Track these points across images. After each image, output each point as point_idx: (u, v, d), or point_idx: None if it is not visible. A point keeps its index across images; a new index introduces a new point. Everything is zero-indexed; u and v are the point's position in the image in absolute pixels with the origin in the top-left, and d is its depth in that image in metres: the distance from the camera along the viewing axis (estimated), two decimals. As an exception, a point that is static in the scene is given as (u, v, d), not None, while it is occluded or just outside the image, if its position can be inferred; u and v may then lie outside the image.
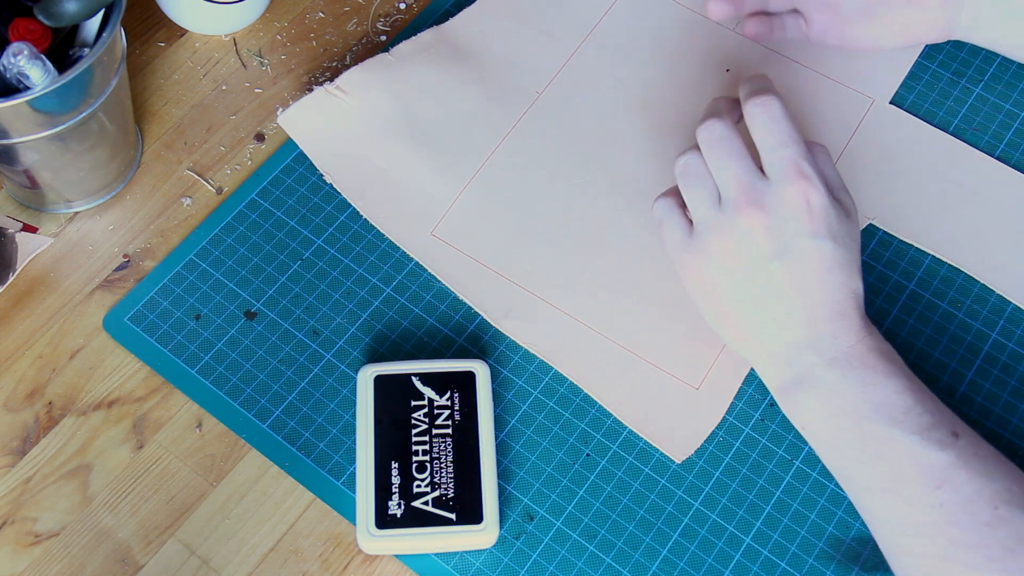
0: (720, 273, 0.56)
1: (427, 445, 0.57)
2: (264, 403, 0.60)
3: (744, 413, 0.61)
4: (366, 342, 0.62)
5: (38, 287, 0.63)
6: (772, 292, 0.55)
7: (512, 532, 0.57)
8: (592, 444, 0.60)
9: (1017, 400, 0.61)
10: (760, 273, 0.55)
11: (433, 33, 0.72)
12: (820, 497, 0.58)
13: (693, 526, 0.57)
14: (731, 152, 0.57)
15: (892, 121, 0.70)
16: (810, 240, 0.55)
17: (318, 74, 0.72)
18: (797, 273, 0.55)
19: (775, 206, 0.55)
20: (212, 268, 0.64)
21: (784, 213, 0.55)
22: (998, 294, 0.64)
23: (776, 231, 0.55)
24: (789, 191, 0.55)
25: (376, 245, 0.65)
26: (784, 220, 0.55)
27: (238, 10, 0.72)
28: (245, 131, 0.70)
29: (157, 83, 0.71)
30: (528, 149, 0.69)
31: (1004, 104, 0.71)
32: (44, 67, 0.55)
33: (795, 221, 0.55)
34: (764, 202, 0.55)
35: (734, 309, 0.57)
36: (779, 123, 0.56)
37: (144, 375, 0.61)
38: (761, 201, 0.55)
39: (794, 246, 0.55)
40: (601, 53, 0.73)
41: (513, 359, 0.62)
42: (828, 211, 0.55)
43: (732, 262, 0.56)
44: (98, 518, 0.57)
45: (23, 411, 0.60)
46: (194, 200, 0.67)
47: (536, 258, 0.65)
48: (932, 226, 0.66)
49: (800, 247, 0.55)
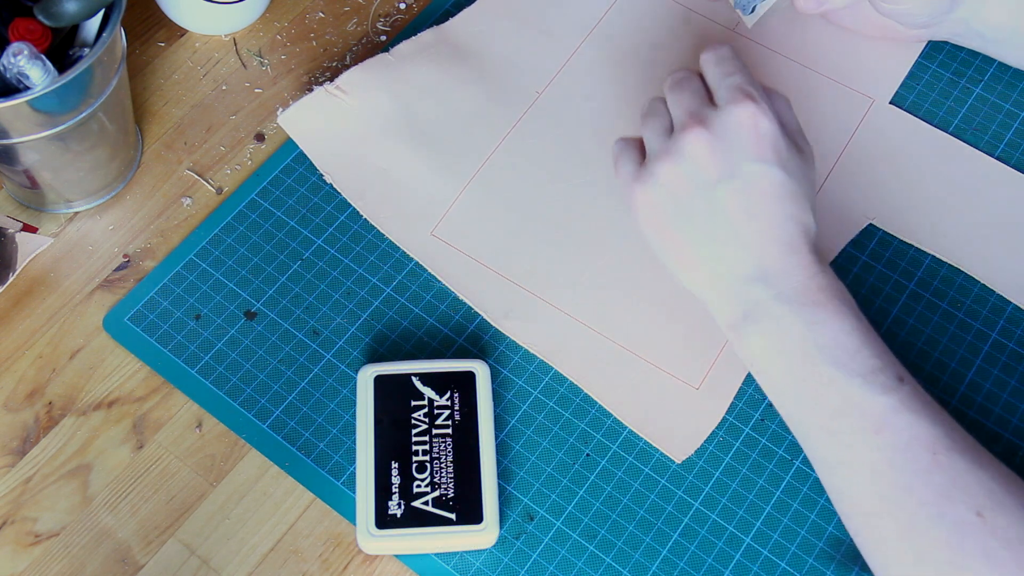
0: (668, 200, 0.56)
1: (427, 445, 0.57)
2: (264, 403, 0.60)
3: (744, 413, 0.61)
4: (366, 342, 0.62)
5: (38, 287, 0.63)
6: (719, 219, 0.55)
7: (512, 532, 0.57)
8: (592, 444, 0.60)
9: (1017, 400, 0.61)
10: (707, 198, 0.55)
11: (433, 33, 0.72)
12: (820, 497, 0.58)
13: (693, 526, 0.57)
14: (686, 87, 0.58)
15: (892, 121, 0.70)
16: (758, 164, 0.55)
17: (318, 74, 0.72)
18: (744, 198, 0.54)
19: (722, 128, 0.55)
20: (212, 268, 0.64)
21: (731, 136, 0.55)
22: (998, 294, 0.64)
23: (723, 153, 0.55)
24: (736, 112, 0.55)
25: (376, 245, 0.65)
26: (731, 142, 0.55)
27: (238, 10, 0.72)
28: (245, 131, 0.70)
29: (157, 83, 0.71)
30: (528, 149, 0.69)
31: (1004, 104, 0.71)
32: (44, 67, 0.55)
33: (742, 144, 0.55)
34: (711, 123, 0.56)
35: (684, 240, 0.56)
36: (728, 59, 0.58)
37: (144, 375, 0.61)
38: (708, 122, 0.56)
39: (741, 170, 0.55)
40: (601, 53, 0.73)
41: (513, 359, 0.62)
42: (778, 139, 0.55)
43: (679, 188, 0.56)
44: (98, 518, 0.57)
45: (23, 411, 0.60)
46: (194, 200, 0.67)
47: (536, 258, 0.65)
48: (932, 226, 0.66)
49: (747, 171, 0.54)
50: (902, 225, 0.67)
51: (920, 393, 0.52)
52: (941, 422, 0.51)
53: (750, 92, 0.56)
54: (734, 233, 0.55)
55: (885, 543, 0.50)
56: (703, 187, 0.55)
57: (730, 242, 0.55)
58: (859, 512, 0.52)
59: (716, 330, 0.62)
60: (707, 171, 0.55)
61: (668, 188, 0.56)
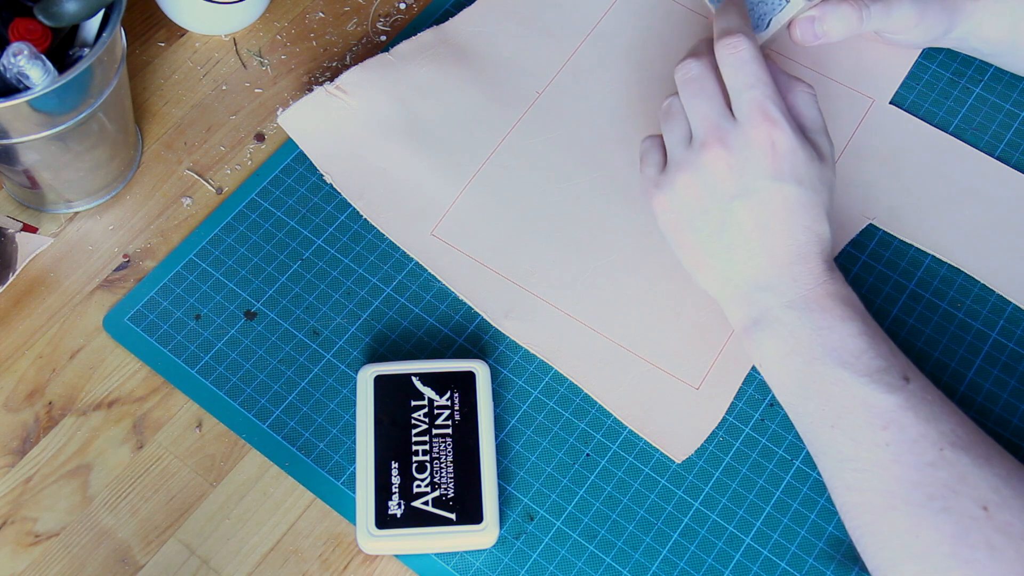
0: (685, 209, 0.58)
1: (427, 445, 0.57)
2: (264, 403, 0.60)
3: (744, 413, 0.61)
4: (366, 342, 0.62)
5: (38, 287, 0.63)
6: (734, 231, 0.56)
7: (512, 532, 0.57)
8: (592, 444, 0.60)
9: (1017, 400, 0.61)
10: (722, 211, 0.56)
11: (433, 33, 0.72)
12: (820, 497, 0.58)
13: (693, 526, 0.57)
14: (702, 92, 0.58)
15: (892, 121, 0.70)
16: (773, 182, 0.56)
17: (318, 74, 0.72)
18: (758, 214, 0.56)
19: (739, 146, 0.56)
20: (212, 268, 0.64)
21: (748, 153, 0.56)
22: (998, 294, 0.64)
23: (739, 170, 0.56)
24: (754, 132, 0.56)
25: (376, 245, 0.65)
26: (747, 160, 0.56)
27: (238, 10, 0.72)
28: (245, 131, 0.70)
29: (157, 83, 0.71)
30: (528, 149, 0.69)
31: (1004, 104, 0.71)
32: (44, 67, 0.55)
33: (758, 162, 0.56)
34: (729, 141, 0.56)
35: (698, 246, 0.58)
36: (747, 64, 0.57)
37: (144, 375, 0.61)
38: (727, 140, 0.56)
39: (756, 187, 0.56)
40: (601, 53, 0.73)
41: (513, 359, 0.62)
42: (794, 153, 0.56)
43: (697, 199, 0.57)
44: (98, 518, 0.57)
45: (23, 411, 0.60)
46: (194, 200, 0.67)
47: (536, 258, 0.65)
48: (932, 226, 0.66)
49: (762, 188, 0.56)
50: (902, 225, 0.67)
51: (929, 391, 0.53)
52: (948, 418, 0.52)
53: (767, 110, 0.56)
54: (747, 245, 0.56)
55: (891, 538, 0.51)
56: (720, 200, 0.56)
57: (742, 252, 0.56)
58: (867, 508, 0.52)
59: (716, 330, 0.62)
60: (724, 186, 0.56)
61: (686, 198, 0.58)
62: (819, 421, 0.54)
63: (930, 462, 0.50)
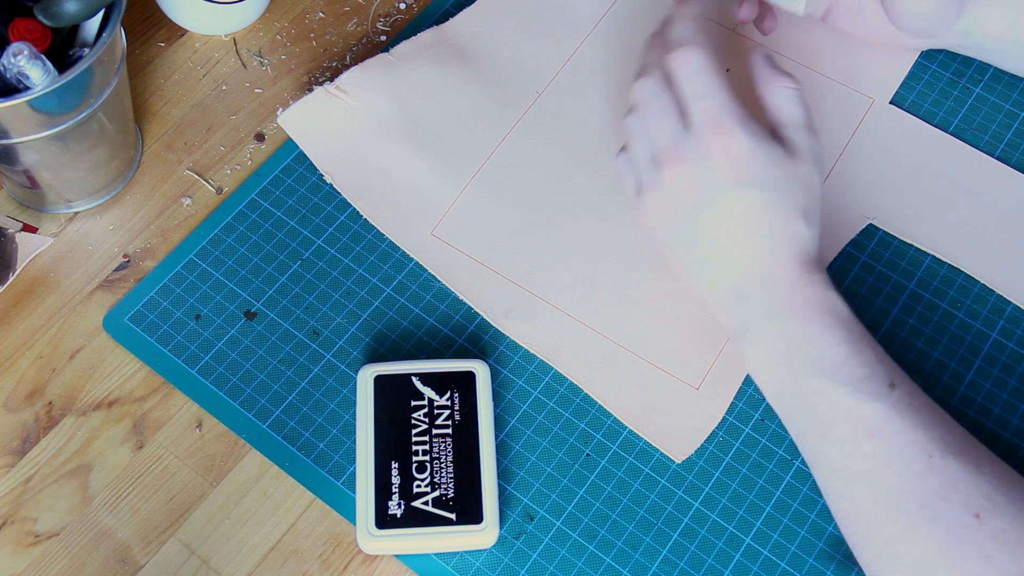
0: (659, 225, 0.58)
1: (427, 445, 0.57)
2: (264, 403, 0.60)
3: (744, 413, 0.61)
4: (366, 342, 0.62)
5: (38, 287, 0.63)
6: (704, 243, 0.56)
7: (512, 532, 0.57)
8: (592, 444, 0.60)
9: (1017, 400, 0.61)
10: (692, 226, 0.56)
11: (433, 33, 0.72)
12: (820, 497, 0.58)
13: (693, 526, 0.57)
14: (655, 111, 0.58)
15: (892, 121, 0.70)
16: (734, 189, 0.55)
17: (318, 74, 0.72)
18: (723, 224, 0.55)
19: (696, 158, 0.56)
20: (212, 268, 0.64)
21: (705, 164, 0.56)
22: (998, 294, 0.64)
23: (699, 183, 0.56)
24: (707, 143, 0.56)
25: (376, 245, 0.65)
26: (705, 171, 0.56)
27: (238, 10, 0.72)
28: (245, 131, 0.70)
29: (157, 83, 0.71)
30: (528, 149, 0.69)
31: (1004, 104, 0.71)
32: (44, 67, 0.55)
33: (715, 172, 0.55)
34: (686, 156, 0.56)
35: (678, 260, 0.58)
36: (697, 75, 0.57)
37: (144, 375, 0.61)
38: (683, 155, 0.56)
39: (718, 197, 0.55)
40: (601, 53, 0.73)
41: (513, 359, 0.62)
42: (752, 157, 0.55)
43: (665, 217, 0.57)
44: (98, 518, 0.57)
45: (23, 411, 0.60)
46: (194, 200, 0.67)
47: (536, 258, 0.65)
48: (932, 226, 0.66)
49: (723, 197, 0.55)
50: (902, 225, 0.67)
51: (916, 396, 0.52)
52: (936, 425, 0.51)
53: (718, 120, 0.56)
54: (717, 255, 0.56)
55: (883, 547, 0.50)
56: (687, 215, 0.56)
57: (716, 263, 0.56)
58: (859, 517, 0.52)
59: (716, 330, 0.62)
60: (688, 201, 0.56)
61: (657, 217, 0.58)
62: (808, 431, 0.53)
63: (919, 470, 0.50)
